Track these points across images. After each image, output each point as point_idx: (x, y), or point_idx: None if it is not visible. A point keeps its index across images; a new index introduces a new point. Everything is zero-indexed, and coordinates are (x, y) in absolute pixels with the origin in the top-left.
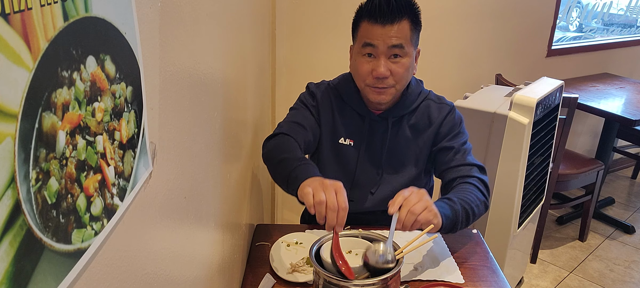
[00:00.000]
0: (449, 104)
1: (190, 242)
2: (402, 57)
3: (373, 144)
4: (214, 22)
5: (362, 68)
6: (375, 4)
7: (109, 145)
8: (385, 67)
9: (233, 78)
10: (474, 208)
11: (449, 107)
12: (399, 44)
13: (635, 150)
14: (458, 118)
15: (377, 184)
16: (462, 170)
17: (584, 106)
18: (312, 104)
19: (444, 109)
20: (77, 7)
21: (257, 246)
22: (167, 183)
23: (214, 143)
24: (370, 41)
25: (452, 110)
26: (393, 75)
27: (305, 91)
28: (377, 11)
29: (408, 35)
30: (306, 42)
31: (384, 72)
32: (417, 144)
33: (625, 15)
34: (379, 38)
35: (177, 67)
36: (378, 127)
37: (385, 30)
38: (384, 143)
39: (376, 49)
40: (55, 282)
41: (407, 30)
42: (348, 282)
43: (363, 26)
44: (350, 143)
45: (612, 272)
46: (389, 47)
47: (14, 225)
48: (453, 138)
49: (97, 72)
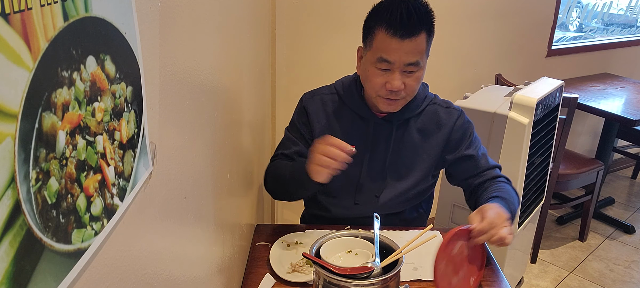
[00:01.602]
0: (457, 108)
1: (190, 242)
2: (417, 71)
3: (378, 147)
4: (214, 22)
5: (376, 80)
6: (396, 16)
7: (109, 145)
8: (400, 81)
9: (233, 78)
10: (516, 206)
11: (458, 111)
12: (416, 60)
13: (635, 150)
14: (468, 123)
15: (382, 188)
16: (487, 174)
17: (584, 106)
18: (303, 121)
19: (453, 113)
20: (77, 7)
21: (257, 246)
22: (167, 183)
23: (214, 143)
24: (387, 57)
25: (462, 114)
26: (406, 88)
27: (298, 105)
28: (397, 23)
29: (424, 48)
30: (306, 42)
31: (399, 86)
32: (423, 148)
33: (625, 15)
34: (396, 54)
35: (177, 67)
36: (382, 130)
37: (403, 45)
38: (389, 146)
39: (392, 65)
40: (55, 282)
41: (423, 43)
42: (348, 281)
43: (379, 36)
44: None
45: (612, 272)
46: (405, 64)
47: (14, 225)
48: (470, 145)
49: (97, 72)
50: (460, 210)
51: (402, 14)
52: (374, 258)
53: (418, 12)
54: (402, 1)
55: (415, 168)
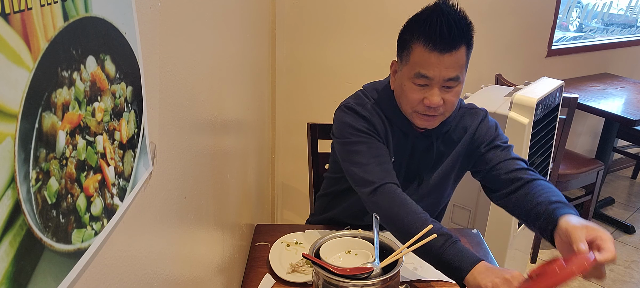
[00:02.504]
0: (481, 110)
1: (190, 242)
2: (456, 86)
3: (413, 160)
4: (214, 22)
5: (413, 96)
6: (436, 29)
7: (109, 145)
8: (439, 97)
9: (233, 78)
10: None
11: (483, 112)
12: (455, 75)
13: (635, 150)
14: (493, 122)
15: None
16: (509, 164)
17: (584, 106)
18: (373, 130)
19: (479, 115)
20: (77, 7)
21: (257, 246)
22: (167, 183)
23: (214, 143)
24: (426, 73)
25: (486, 115)
26: (445, 104)
27: (351, 116)
28: (437, 37)
29: (464, 62)
30: (306, 42)
31: (438, 102)
32: (451, 155)
33: (625, 15)
34: (435, 69)
35: (177, 67)
36: (419, 144)
37: (443, 60)
38: (425, 160)
39: (431, 80)
40: (55, 282)
41: (463, 57)
42: (348, 282)
43: (417, 50)
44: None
45: (612, 272)
46: (445, 79)
47: (14, 225)
48: (495, 140)
49: (97, 72)
50: (460, 210)
51: (443, 27)
52: (373, 258)
53: (458, 25)
54: (442, 13)
55: (446, 178)
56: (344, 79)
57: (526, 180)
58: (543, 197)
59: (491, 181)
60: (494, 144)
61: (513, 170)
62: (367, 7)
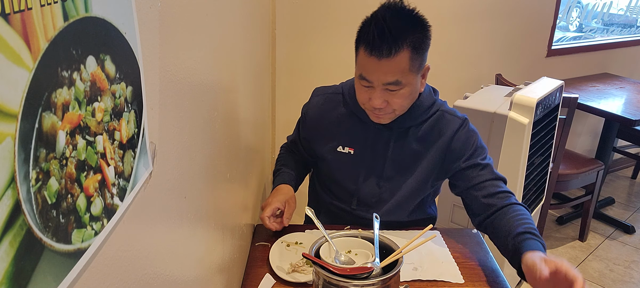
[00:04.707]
0: (461, 116)
1: (191, 242)
2: (400, 89)
3: (375, 152)
4: (214, 22)
5: (361, 95)
6: (373, 36)
7: (109, 145)
8: (381, 99)
9: (233, 78)
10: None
11: (461, 120)
12: (394, 80)
13: (635, 150)
14: (471, 132)
15: (378, 194)
16: (489, 186)
17: (584, 106)
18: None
19: (456, 122)
20: (77, 7)
21: (257, 246)
22: (167, 183)
23: (214, 143)
24: (366, 77)
25: (464, 123)
26: (391, 105)
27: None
28: (371, 43)
29: (406, 67)
30: (306, 42)
31: (379, 104)
32: (423, 156)
33: (625, 15)
34: (373, 74)
35: (177, 67)
36: (381, 136)
37: (381, 65)
38: (387, 153)
39: (371, 83)
40: (55, 282)
41: (404, 62)
42: (348, 282)
43: (360, 54)
44: (349, 151)
45: (612, 272)
46: (383, 83)
47: (14, 225)
48: (473, 156)
49: (97, 72)
50: (460, 210)
51: (377, 34)
52: (373, 258)
53: (396, 30)
54: (379, 20)
55: (411, 176)
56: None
57: (498, 207)
58: (513, 226)
59: (470, 200)
60: (475, 160)
61: (491, 195)
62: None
